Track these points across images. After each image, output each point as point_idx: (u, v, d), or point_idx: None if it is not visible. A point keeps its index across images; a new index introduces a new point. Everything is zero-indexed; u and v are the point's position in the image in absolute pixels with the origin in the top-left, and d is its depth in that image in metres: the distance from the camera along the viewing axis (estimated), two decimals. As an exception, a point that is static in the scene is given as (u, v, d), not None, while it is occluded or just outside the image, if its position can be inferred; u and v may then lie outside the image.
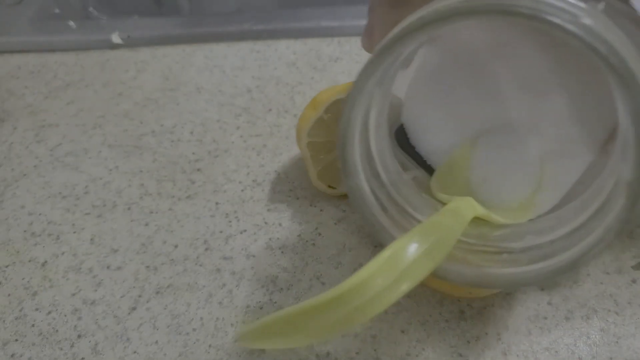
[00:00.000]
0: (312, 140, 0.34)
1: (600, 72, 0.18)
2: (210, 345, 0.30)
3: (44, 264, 0.35)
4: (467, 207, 0.24)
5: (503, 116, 0.27)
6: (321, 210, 0.36)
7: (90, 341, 0.31)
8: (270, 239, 0.35)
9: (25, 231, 0.36)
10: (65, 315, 0.32)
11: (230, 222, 0.36)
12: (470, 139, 0.28)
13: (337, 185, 0.36)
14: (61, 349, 0.30)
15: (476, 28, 0.25)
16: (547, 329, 0.29)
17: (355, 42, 0.46)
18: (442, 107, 0.28)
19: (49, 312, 0.32)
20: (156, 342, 0.30)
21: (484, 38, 0.25)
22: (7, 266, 0.35)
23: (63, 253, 0.35)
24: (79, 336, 0.31)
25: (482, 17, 0.18)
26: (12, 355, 0.30)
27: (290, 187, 0.38)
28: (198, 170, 0.39)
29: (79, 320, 0.32)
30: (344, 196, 0.36)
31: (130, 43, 0.50)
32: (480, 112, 0.27)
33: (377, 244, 0.33)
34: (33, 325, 0.32)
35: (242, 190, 0.38)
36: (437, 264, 0.20)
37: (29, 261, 0.35)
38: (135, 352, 0.30)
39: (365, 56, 0.22)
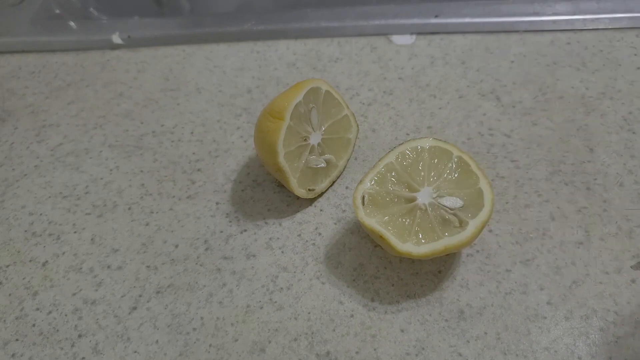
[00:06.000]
0: (288, 151, 0.33)
1: None
2: (210, 345, 0.30)
3: (44, 263, 0.35)
4: None
5: None
6: (321, 210, 0.36)
7: (90, 341, 0.31)
8: (270, 239, 0.35)
9: (26, 231, 0.37)
10: (66, 315, 0.32)
11: (230, 222, 0.36)
12: None
13: (314, 186, 0.35)
14: (62, 348, 0.31)
15: None
16: (547, 328, 0.29)
17: (356, 43, 0.46)
18: None
19: (50, 312, 0.32)
20: (157, 341, 0.30)
21: None
22: (7, 266, 0.35)
23: (64, 253, 0.35)
24: (80, 336, 0.31)
25: None
26: (13, 355, 0.30)
27: (291, 187, 0.38)
28: (198, 170, 0.39)
29: (79, 320, 0.32)
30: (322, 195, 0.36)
31: (131, 43, 0.50)
32: None
33: (376, 244, 0.33)
34: (34, 325, 0.32)
35: (243, 190, 0.38)
36: None
37: (30, 261, 0.35)
38: (135, 351, 0.30)
39: (365, 57, 0.22)
